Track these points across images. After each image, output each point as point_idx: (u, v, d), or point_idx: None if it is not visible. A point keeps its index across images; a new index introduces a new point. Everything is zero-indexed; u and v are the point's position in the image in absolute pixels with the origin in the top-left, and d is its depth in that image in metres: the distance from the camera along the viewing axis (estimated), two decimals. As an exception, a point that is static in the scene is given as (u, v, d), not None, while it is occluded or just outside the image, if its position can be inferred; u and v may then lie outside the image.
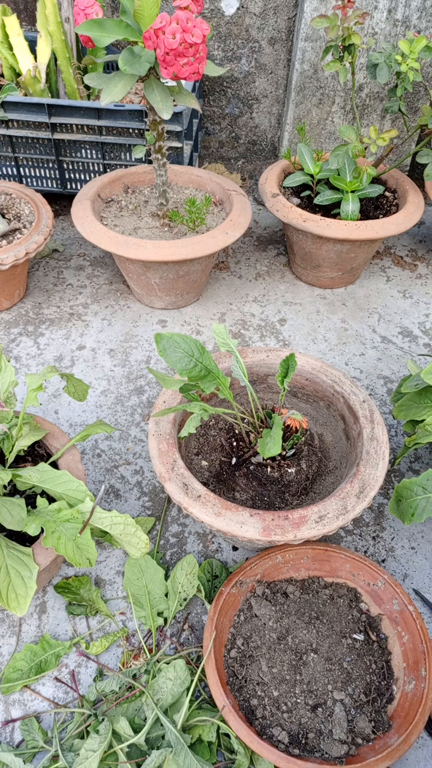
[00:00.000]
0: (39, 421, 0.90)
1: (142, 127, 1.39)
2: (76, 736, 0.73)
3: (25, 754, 0.72)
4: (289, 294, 1.44)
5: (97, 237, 1.18)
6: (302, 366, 0.98)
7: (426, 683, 0.72)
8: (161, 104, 1.00)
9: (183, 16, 0.90)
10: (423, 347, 1.32)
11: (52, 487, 0.78)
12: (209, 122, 1.82)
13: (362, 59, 1.49)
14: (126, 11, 0.97)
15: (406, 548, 0.96)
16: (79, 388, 0.90)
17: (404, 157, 1.34)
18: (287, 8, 1.57)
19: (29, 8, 1.65)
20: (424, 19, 1.45)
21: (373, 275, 1.51)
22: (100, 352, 1.27)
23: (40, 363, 1.24)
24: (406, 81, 1.22)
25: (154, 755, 0.68)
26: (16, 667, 0.79)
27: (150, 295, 1.33)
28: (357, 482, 0.81)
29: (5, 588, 0.70)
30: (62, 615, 0.86)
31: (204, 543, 0.95)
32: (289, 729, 0.71)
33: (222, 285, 1.46)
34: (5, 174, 1.52)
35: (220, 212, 1.35)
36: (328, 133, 1.67)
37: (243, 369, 0.86)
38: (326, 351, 1.30)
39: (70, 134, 1.42)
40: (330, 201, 1.32)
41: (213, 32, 1.63)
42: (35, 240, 1.22)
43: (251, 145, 1.87)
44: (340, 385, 0.95)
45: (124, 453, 1.08)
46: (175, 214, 1.28)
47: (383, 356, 1.29)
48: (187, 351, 0.78)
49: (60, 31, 1.42)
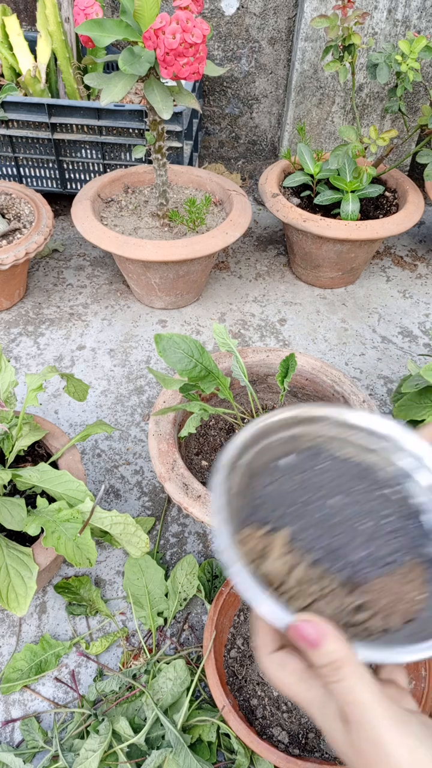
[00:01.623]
0: (39, 421, 0.90)
1: (142, 127, 1.39)
2: (76, 736, 0.73)
3: (25, 754, 0.72)
4: (289, 294, 1.44)
5: (97, 237, 1.18)
6: (302, 366, 0.98)
7: (426, 683, 0.72)
8: (161, 104, 1.00)
9: (183, 16, 0.90)
10: (423, 347, 1.32)
11: (52, 487, 0.78)
12: (209, 122, 1.82)
13: (362, 59, 1.49)
14: (126, 11, 0.97)
15: (406, 548, 0.96)
16: (79, 388, 0.90)
17: (404, 157, 1.34)
18: (287, 8, 1.57)
19: (29, 8, 1.65)
20: (424, 19, 1.45)
21: (373, 275, 1.51)
22: (100, 352, 1.27)
23: (40, 363, 1.24)
24: (406, 81, 1.22)
25: (154, 755, 0.68)
26: (16, 667, 0.79)
27: (150, 295, 1.33)
28: (357, 482, 0.81)
29: (5, 588, 0.70)
30: (62, 615, 0.86)
31: (204, 543, 0.95)
32: (289, 729, 0.71)
33: (222, 285, 1.46)
34: (5, 174, 1.52)
35: (220, 212, 1.35)
36: (328, 133, 1.67)
37: (243, 369, 0.86)
38: (326, 351, 1.30)
39: (70, 134, 1.42)
40: (330, 201, 1.32)
41: (213, 32, 1.63)
42: (35, 240, 1.22)
43: (251, 145, 1.87)
44: (340, 385, 0.95)
45: (124, 453, 1.08)
46: (175, 214, 1.28)
47: (383, 356, 1.29)
48: (187, 351, 0.78)
49: (60, 31, 1.42)
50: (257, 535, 0.42)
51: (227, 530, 0.38)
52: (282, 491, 0.45)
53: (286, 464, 0.47)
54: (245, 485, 0.44)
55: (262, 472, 0.46)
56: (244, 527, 0.42)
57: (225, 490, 0.40)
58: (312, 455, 0.48)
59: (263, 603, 0.34)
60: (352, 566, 0.42)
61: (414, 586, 0.42)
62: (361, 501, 0.47)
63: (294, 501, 0.45)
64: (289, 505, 0.45)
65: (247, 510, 0.44)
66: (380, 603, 0.40)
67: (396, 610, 0.40)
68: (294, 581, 0.39)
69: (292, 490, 0.46)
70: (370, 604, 0.40)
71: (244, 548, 0.40)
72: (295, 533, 0.43)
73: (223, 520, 0.38)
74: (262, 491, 0.45)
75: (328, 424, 0.49)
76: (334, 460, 0.48)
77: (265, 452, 0.47)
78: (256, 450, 0.46)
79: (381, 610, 0.40)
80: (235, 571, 0.36)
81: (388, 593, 0.41)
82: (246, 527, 0.42)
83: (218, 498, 0.39)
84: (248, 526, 0.42)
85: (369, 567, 0.43)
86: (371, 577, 0.42)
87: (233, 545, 0.37)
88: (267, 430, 0.46)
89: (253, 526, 0.43)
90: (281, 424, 0.47)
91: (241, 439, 0.44)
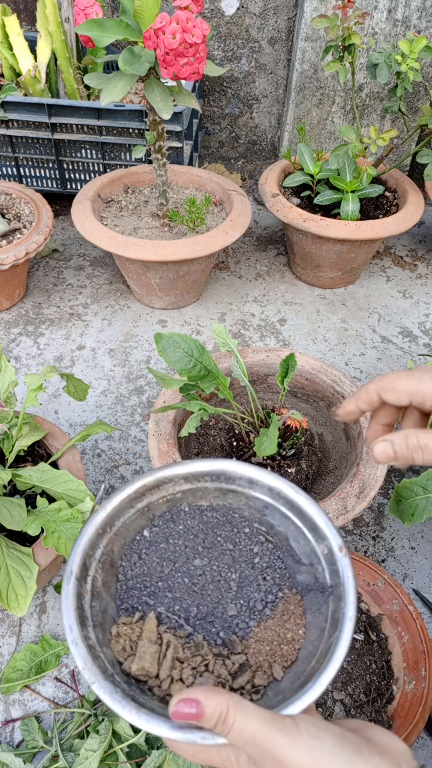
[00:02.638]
0: (39, 421, 0.90)
1: (142, 127, 1.39)
2: (76, 736, 0.73)
3: (25, 754, 0.72)
4: (289, 294, 1.44)
5: (97, 237, 1.18)
6: (302, 366, 0.98)
7: (426, 683, 0.72)
8: (161, 104, 1.00)
9: (183, 16, 0.90)
10: (423, 347, 1.32)
11: (52, 486, 0.78)
12: (209, 122, 1.82)
13: (362, 59, 1.49)
14: (126, 11, 0.97)
15: (406, 548, 0.96)
16: (79, 388, 0.90)
17: (404, 157, 1.34)
18: (287, 8, 1.57)
19: (29, 8, 1.65)
20: (424, 19, 1.45)
21: (373, 275, 1.51)
22: (100, 352, 1.27)
23: (40, 363, 1.24)
24: (406, 81, 1.22)
25: (154, 755, 0.68)
26: (16, 667, 0.79)
27: (150, 295, 1.33)
28: (357, 482, 0.81)
29: (5, 588, 0.70)
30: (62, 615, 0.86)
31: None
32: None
33: (222, 285, 1.46)
34: (5, 174, 1.52)
35: (220, 212, 1.35)
36: (328, 133, 1.67)
37: (243, 369, 0.86)
38: (326, 351, 1.30)
39: (70, 134, 1.42)
40: (330, 201, 1.32)
41: (213, 32, 1.63)
42: (35, 240, 1.22)
43: (251, 145, 1.87)
44: (340, 385, 0.95)
45: (124, 453, 1.08)
46: (175, 214, 1.28)
47: (383, 356, 1.29)
48: (187, 351, 0.77)
49: (60, 31, 1.42)
50: (132, 622, 0.42)
51: (83, 647, 0.37)
52: (147, 570, 0.45)
53: (148, 536, 0.47)
54: (108, 576, 0.44)
55: (127, 553, 0.46)
56: (118, 618, 0.42)
57: (73, 605, 0.39)
58: (171, 518, 0.48)
59: (135, 717, 0.34)
60: (228, 625, 0.42)
61: (293, 621, 0.43)
62: (227, 550, 0.47)
63: (160, 576, 0.45)
64: (156, 582, 0.44)
65: (117, 601, 0.43)
66: (260, 656, 0.41)
67: (276, 659, 0.41)
68: (167, 670, 0.39)
69: (156, 564, 0.45)
70: (250, 660, 0.41)
71: (118, 646, 0.40)
72: (164, 612, 0.43)
73: (78, 638, 0.37)
74: (130, 574, 0.45)
75: (178, 481, 0.49)
76: (194, 516, 0.48)
77: (122, 533, 0.46)
78: (112, 533, 0.45)
79: (261, 664, 0.40)
80: (96, 688, 0.35)
81: (267, 642, 0.42)
82: (120, 617, 0.42)
83: (70, 615, 0.38)
84: (122, 615, 0.42)
85: (246, 619, 0.43)
86: (250, 627, 0.42)
87: (89, 664, 0.36)
88: (117, 510, 0.45)
89: (127, 614, 0.42)
90: (131, 499, 0.46)
91: (91, 530, 0.43)
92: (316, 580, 0.43)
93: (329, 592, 0.42)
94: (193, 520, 0.48)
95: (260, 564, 0.46)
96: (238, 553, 0.47)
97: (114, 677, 0.37)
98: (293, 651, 0.41)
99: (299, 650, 0.41)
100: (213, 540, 0.47)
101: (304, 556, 0.45)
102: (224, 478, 0.49)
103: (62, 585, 0.40)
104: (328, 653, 0.38)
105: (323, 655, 0.38)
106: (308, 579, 0.44)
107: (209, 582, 0.45)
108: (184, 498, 0.49)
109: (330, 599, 0.41)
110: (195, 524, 0.48)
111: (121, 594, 0.44)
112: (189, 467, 0.48)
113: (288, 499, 0.47)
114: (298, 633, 0.42)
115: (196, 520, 0.48)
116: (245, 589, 0.44)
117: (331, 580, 0.42)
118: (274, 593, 0.44)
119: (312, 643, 0.41)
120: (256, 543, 0.47)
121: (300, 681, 0.38)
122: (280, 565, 0.46)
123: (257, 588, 0.45)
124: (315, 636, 0.41)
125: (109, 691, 0.35)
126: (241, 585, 0.45)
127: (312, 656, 0.39)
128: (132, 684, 0.38)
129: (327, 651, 0.38)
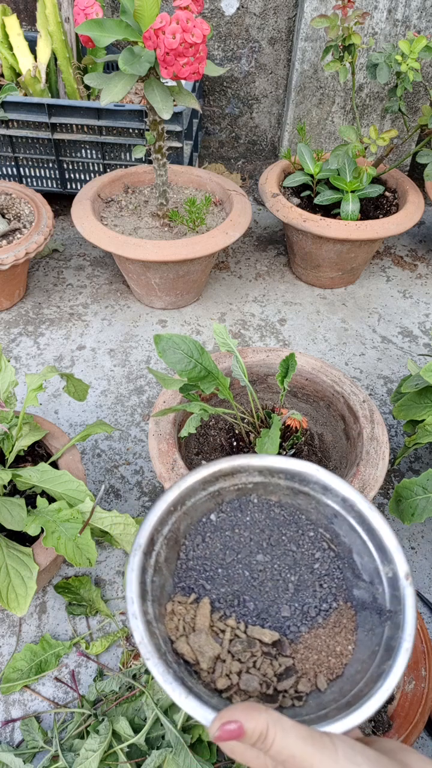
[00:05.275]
0: (39, 421, 0.90)
1: (142, 127, 1.39)
2: (76, 736, 0.73)
3: (25, 754, 0.72)
4: (289, 294, 1.44)
5: (97, 237, 1.18)
6: (302, 366, 0.98)
7: (426, 683, 0.72)
8: (161, 104, 1.00)
9: (183, 16, 0.90)
10: (423, 347, 1.32)
11: (52, 487, 0.78)
12: (209, 122, 1.82)
13: (362, 59, 1.49)
14: (126, 11, 0.97)
15: (406, 548, 0.96)
16: (79, 388, 0.90)
17: (404, 157, 1.34)
18: (287, 8, 1.57)
19: (29, 8, 1.65)
20: (424, 19, 1.45)
21: (373, 275, 1.51)
22: (100, 352, 1.27)
23: (40, 363, 1.24)
24: (406, 81, 1.22)
25: (154, 755, 0.68)
26: (16, 667, 0.79)
27: (150, 295, 1.33)
28: (357, 482, 0.81)
29: (5, 588, 0.70)
30: (62, 615, 0.86)
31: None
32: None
33: (222, 285, 1.46)
34: (5, 174, 1.52)
35: (220, 212, 1.35)
36: (328, 133, 1.67)
37: (243, 369, 0.86)
38: (326, 351, 1.30)
39: (70, 134, 1.42)
40: (330, 201, 1.32)
41: (213, 32, 1.63)
42: (35, 240, 1.22)
43: (251, 145, 1.87)
44: (340, 385, 0.95)
45: (124, 453, 1.08)
46: (175, 214, 1.28)
47: (383, 356, 1.29)
48: (187, 352, 0.77)
49: (60, 31, 1.42)
50: (187, 602, 0.42)
51: (142, 623, 0.37)
52: (209, 554, 0.45)
53: (215, 520, 0.47)
54: (171, 552, 0.44)
55: (192, 533, 0.46)
56: (174, 595, 0.42)
57: (137, 578, 0.39)
58: (239, 506, 0.48)
59: (184, 702, 0.35)
60: (280, 626, 0.42)
61: (344, 635, 0.42)
62: (289, 550, 0.46)
63: (221, 563, 0.45)
64: (216, 568, 0.44)
65: (176, 578, 0.43)
66: (307, 663, 0.41)
67: (322, 669, 0.40)
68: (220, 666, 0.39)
69: (219, 550, 0.45)
70: (297, 666, 0.40)
71: (171, 624, 0.40)
72: (219, 600, 0.42)
73: (137, 612, 0.38)
74: (191, 554, 0.45)
75: (252, 473, 0.48)
76: (261, 510, 0.48)
77: (190, 513, 0.46)
78: (181, 512, 0.45)
79: (306, 671, 0.40)
80: (151, 665, 0.35)
81: (316, 650, 0.41)
82: (176, 594, 0.42)
83: (132, 587, 0.39)
84: (178, 593, 0.42)
85: (298, 623, 0.43)
86: (301, 632, 0.42)
87: (146, 640, 0.37)
88: (190, 491, 0.46)
89: (183, 593, 0.43)
90: (204, 481, 0.46)
91: (162, 506, 0.44)
92: (374, 599, 0.42)
93: (387, 616, 0.41)
94: (261, 514, 0.48)
95: (319, 570, 0.45)
96: (300, 555, 0.46)
97: (167, 656, 0.37)
98: (340, 665, 0.41)
99: (346, 666, 0.41)
100: (278, 538, 0.47)
101: (366, 572, 0.44)
102: (299, 479, 0.48)
103: (128, 557, 0.40)
104: (379, 680, 0.37)
105: (373, 680, 0.37)
106: (366, 596, 0.43)
107: (268, 579, 0.44)
108: (254, 489, 0.49)
109: (387, 624, 0.40)
110: (262, 518, 0.48)
111: (180, 572, 0.44)
112: (266, 461, 0.48)
113: (360, 513, 0.46)
114: (347, 648, 0.42)
115: (264, 515, 0.48)
116: (301, 593, 0.44)
117: (391, 605, 0.41)
118: (329, 602, 0.44)
119: (360, 662, 0.40)
120: (318, 549, 0.46)
121: (345, 699, 0.37)
122: (338, 575, 0.45)
123: (313, 594, 0.44)
124: (364, 656, 0.40)
125: (162, 671, 0.35)
126: (299, 588, 0.44)
127: (359, 675, 0.39)
128: (181, 664, 0.38)
129: (378, 677, 0.37)
